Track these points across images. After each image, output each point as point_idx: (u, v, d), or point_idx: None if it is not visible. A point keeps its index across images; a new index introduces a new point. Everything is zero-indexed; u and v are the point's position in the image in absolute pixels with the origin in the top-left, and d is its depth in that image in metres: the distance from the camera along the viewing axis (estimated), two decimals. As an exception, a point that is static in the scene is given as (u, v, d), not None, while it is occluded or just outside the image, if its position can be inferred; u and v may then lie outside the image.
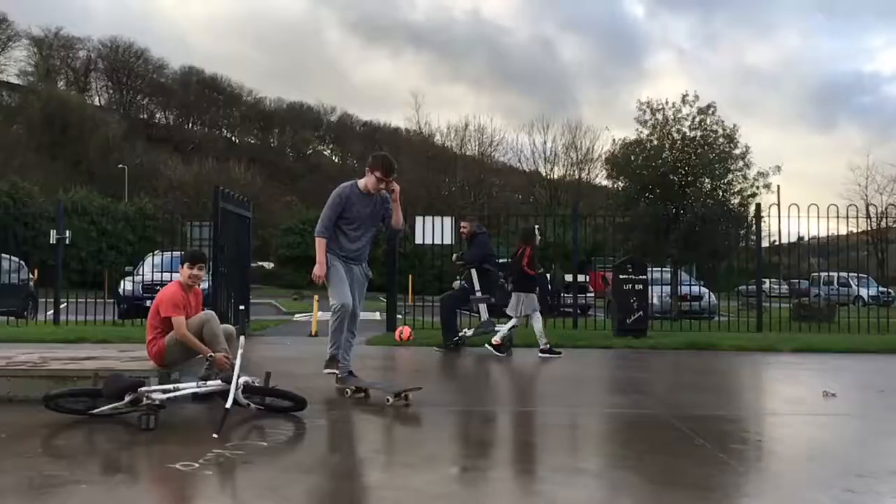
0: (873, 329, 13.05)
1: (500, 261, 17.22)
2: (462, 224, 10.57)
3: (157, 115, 77.83)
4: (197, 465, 3.91)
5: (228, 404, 4.80)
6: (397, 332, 11.20)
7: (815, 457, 4.60)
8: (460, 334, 10.09)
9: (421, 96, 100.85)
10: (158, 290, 6.16)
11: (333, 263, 6.24)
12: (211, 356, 5.49)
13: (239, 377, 5.01)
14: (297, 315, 19.53)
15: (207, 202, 14.45)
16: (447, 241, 12.68)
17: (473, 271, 10.06)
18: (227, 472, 3.92)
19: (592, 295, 19.28)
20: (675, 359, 9.74)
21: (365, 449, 4.60)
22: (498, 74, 73.55)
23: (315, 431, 4.97)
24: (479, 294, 10.05)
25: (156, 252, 15.32)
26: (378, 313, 17.39)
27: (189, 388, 5.23)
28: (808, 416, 5.86)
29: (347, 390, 6.08)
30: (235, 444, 4.45)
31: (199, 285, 6.06)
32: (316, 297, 14.30)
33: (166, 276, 12.02)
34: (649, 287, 13.24)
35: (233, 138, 78.80)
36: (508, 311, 9.79)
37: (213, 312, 5.94)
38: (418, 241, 13.14)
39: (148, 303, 5.98)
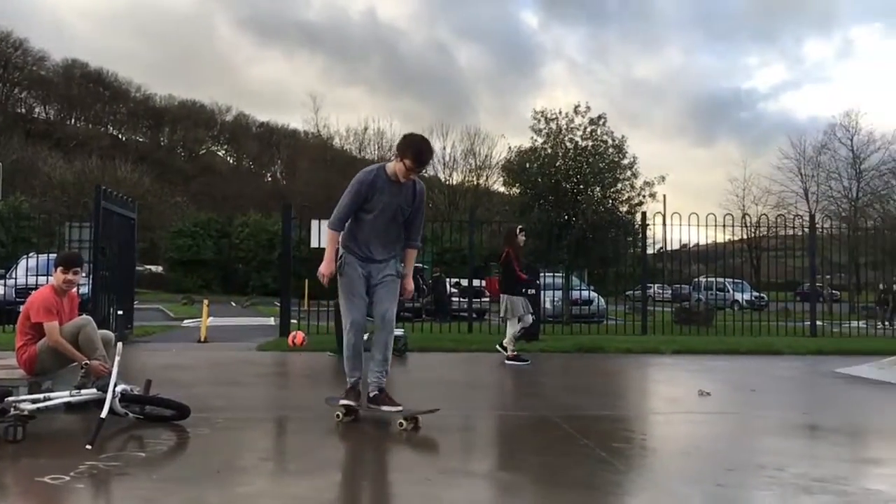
0: (747, 332, 13.87)
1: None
2: None
3: (37, 110, 73.40)
4: (68, 478, 3.70)
5: (104, 414, 4.56)
6: (290, 337, 11.00)
7: (690, 453, 4.83)
8: (355, 339, 9.99)
9: (319, 98, 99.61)
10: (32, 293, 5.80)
11: (348, 267, 5.09)
12: (86, 363, 5.20)
13: (116, 385, 4.78)
14: (186, 321, 18.86)
15: (89, 202, 13.72)
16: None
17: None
18: (100, 484, 3.72)
19: (488, 299, 19.59)
20: (564, 362, 10.02)
21: (251, 457, 4.48)
22: (395, 78, 73.73)
23: (198, 441, 4.80)
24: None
25: (30, 254, 14.45)
26: (273, 319, 17.03)
27: (62, 397, 4.95)
28: (685, 415, 6.15)
29: (338, 413, 5.19)
30: (111, 455, 4.23)
31: (74, 289, 5.74)
32: (206, 301, 13.85)
33: (41, 279, 11.34)
34: (542, 292, 13.58)
35: (119, 136, 75.26)
36: (502, 315, 9.80)
37: (89, 318, 5.64)
38: (314, 244, 12.94)
39: (21, 308, 5.59)
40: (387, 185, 5.01)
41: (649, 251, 15.91)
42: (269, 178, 75.00)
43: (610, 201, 18.56)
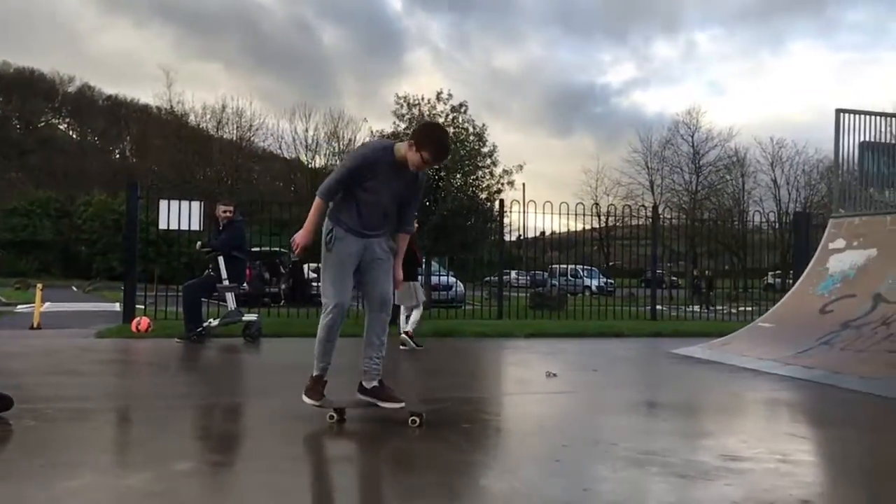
0: (596, 316, 14.59)
1: (254, 249, 16.64)
2: (224, 208, 9.97)
3: None
4: None
5: None
6: (134, 323, 10.41)
7: (534, 432, 5.00)
8: (204, 325, 9.62)
9: (172, 72, 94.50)
10: None
11: (339, 243, 4.63)
12: None
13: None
14: (19, 306, 17.46)
15: None
16: (195, 226, 12.01)
17: (221, 259, 9.64)
18: None
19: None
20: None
21: (81, 450, 4.19)
22: (255, 56, 71.14)
23: (21, 433, 4.43)
24: (226, 283, 9.65)
25: None
26: (118, 304, 16.08)
27: None
28: (533, 395, 6.38)
29: (332, 414, 4.81)
30: (-86, 453, 3.82)
31: None
32: (40, 285, 12.86)
33: None
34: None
35: (-58, 103, 68.21)
36: (397, 302, 9.48)
37: None
38: (163, 226, 12.31)
39: None
40: (390, 170, 4.55)
41: (508, 238, 16.41)
42: (118, 156, 70.56)
43: (470, 188, 18.87)
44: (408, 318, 9.60)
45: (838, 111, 9.79)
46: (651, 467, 3.94)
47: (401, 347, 9.32)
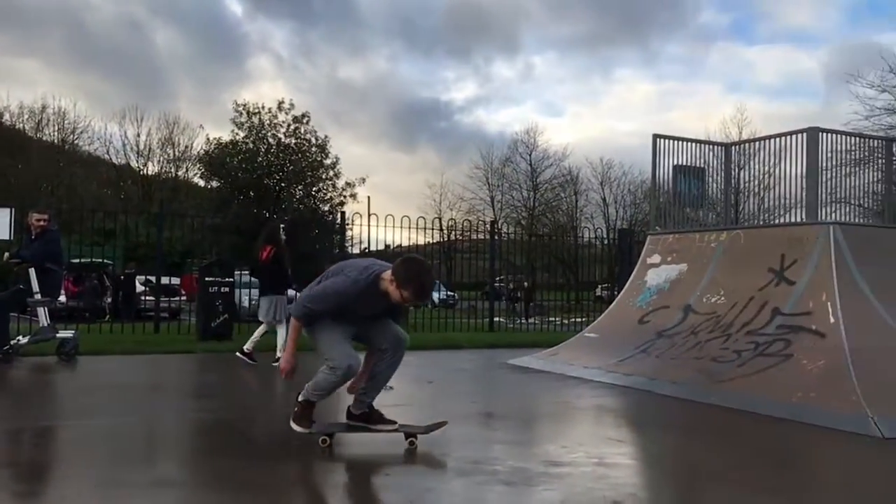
0: (436, 328, 14.80)
1: (75, 261, 15.43)
2: (38, 216, 9.09)
3: None
4: None
5: None
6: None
7: (367, 444, 4.98)
8: (13, 342, 8.78)
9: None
10: None
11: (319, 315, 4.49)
12: None
13: None
14: None
15: None
16: (3, 235, 10.96)
17: (33, 271, 8.85)
18: None
19: (185, 298, 18.54)
20: (257, 360, 9.78)
21: None
22: (80, 53, 65.88)
23: None
24: (38, 297, 8.87)
25: None
26: None
27: None
28: (368, 409, 6.33)
29: (325, 438, 4.62)
30: None
31: None
32: None
33: None
34: (238, 290, 13.17)
35: None
36: (261, 317, 9.14)
37: None
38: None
39: None
40: (373, 297, 4.39)
41: (354, 251, 16.26)
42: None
43: (312, 200, 18.65)
44: (264, 333, 9.27)
45: (655, 136, 10.59)
46: (478, 476, 4.03)
47: (238, 355, 9.02)
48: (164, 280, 15.28)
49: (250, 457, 4.42)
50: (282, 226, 10.09)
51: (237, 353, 9.13)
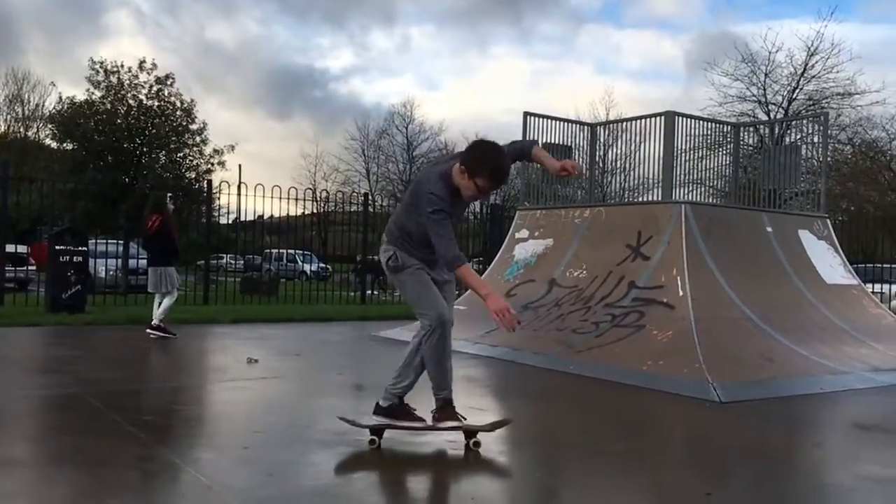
0: (308, 300, 14.60)
1: None
2: None
3: None
4: None
5: None
6: None
7: (224, 420, 4.86)
8: None
9: None
10: None
11: (410, 261, 4.00)
12: None
13: None
14: None
15: None
16: None
17: None
18: None
19: (34, 268, 17.29)
20: (112, 334, 9.31)
21: None
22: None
23: None
24: None
25: None
26: None
27: None
28: (231, 383, 6.17)
29: (374, 439, 4.08)
30: None
31: None
32: None
33: None
34: (93, 259, 12.44)
35: None
36: (150, 289, 8.79)
37: None
38: None
39: None
40: (453, 199, 3.87)
41: (224, 221, 15.74)
42: None
43: (177, 167, 17.78)
44: (160, 304, 8.84)
45: (526, 114, 10.84)
46: (341, 447, 4.02)
47: (150, 336, 8.66)
48: (10, 248, 14.18)
49: (100, 434, 4.20)
50: (169, 195, 9.68)
51: (147, 330, 8.75)
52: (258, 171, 56.18)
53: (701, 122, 11.40)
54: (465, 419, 4.14)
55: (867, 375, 7.03)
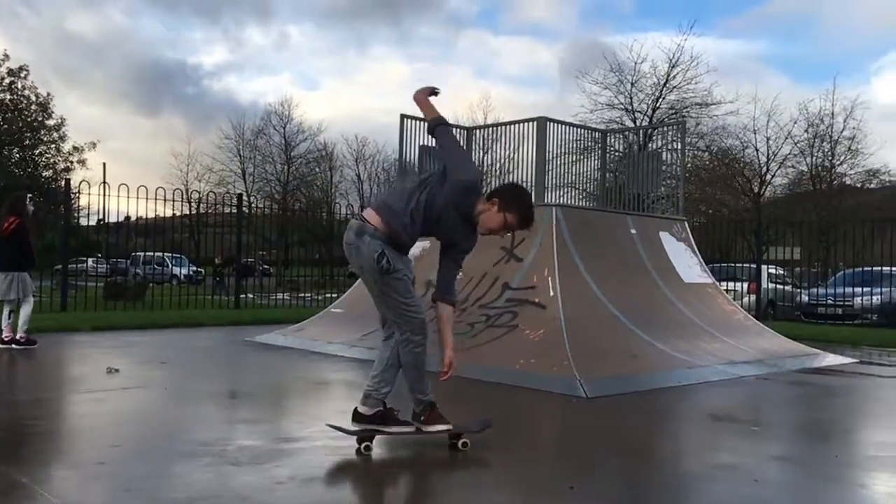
0: (178, 305, 14.00)
1: None
2: None
3: None
4: None
5: None
6: None
7: (82, 434, 4.57)
8: None
9: None
10: None
11: (396, 261, 3.88)
12: None
13: None
14: None
15: None
16: None
17: None
18: None
19: None
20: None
21: None
22: None
23: None
24: None
25: None
26: None
27: None
28: (87, 395, 5.81)
29: (369, 445, 4.02)
30: None
31: None
32: None
33: None
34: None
35: None
36: (17, 297, 8.11)
37: None
38: None
39: None
40: (453, 216, 3.94)
41: (87, 223, 14.75)
42: None
43: (32, 165, 16.60)
44: (10, 314, 8.23)
45: (403, 116, 10.86)
46: (204, 458, 3.87)
47: (14, 347, 8.08)
48: None
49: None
50: (29, 196, 9.01)
51: (14, 346, 8.15)
52: (124, 169, 53.46)
53: (572, 127, 11.82)
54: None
55: (720, 368, 7.52)
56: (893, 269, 15.22)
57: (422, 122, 11.08)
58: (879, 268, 15.47)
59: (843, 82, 77.10)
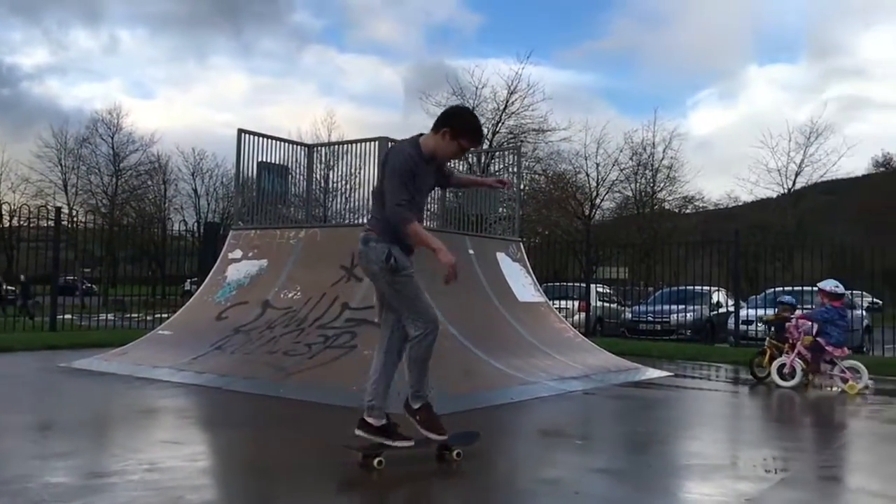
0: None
1: None
2: None
3: None
4: None
5: None
6: None
7: None
8: None
9: None
10: None
11: (398, 259, 4.27)
12: None
13: None
14: None
15: None
16: None
17: None
18: None
19: None
20: None
21: None
22: None
23: None
24: None
25: None
26: None
27: None
28: None
29: (381, 461, 4.18)
30: None
31: None
32: None
33: None
34: None
35: None
36: None
37: None
38: None
39: None
40: (423, 165, 4.31)
41: None
42: None
43: None
44: None
45: (240, 131, 10.51)
46: (1, 499, 3.48)
47: None
48: None
49: None
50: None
51: None
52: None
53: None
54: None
55: (551, 384, 7.83)
56: (704, 287, 16.63)
57: (260, 138, 10.79)
58: (693, 287, 16.82)
59: (663, 115, 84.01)
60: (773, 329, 9.46)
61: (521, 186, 12.63)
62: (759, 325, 13.88)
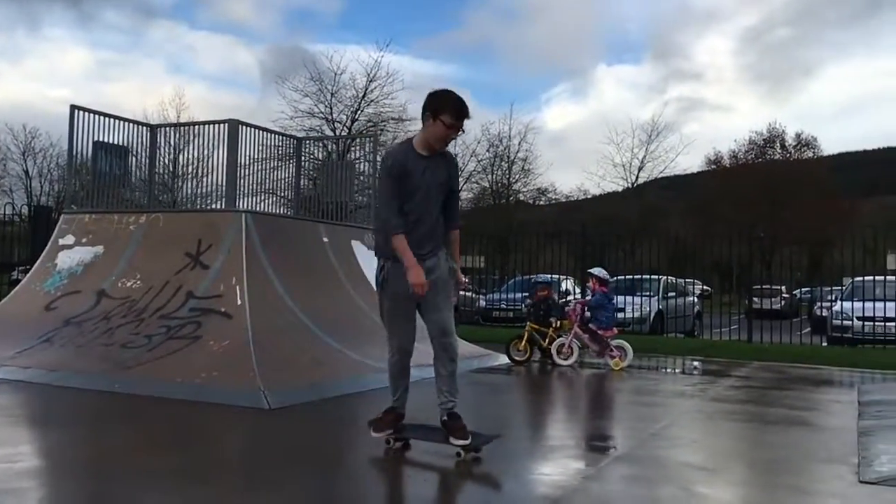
0: None
1: None
2: None
3: None
4: None
5: None
6: None
7: None
8: None
9: None
10: None
11: (393, 281, 4.27)
12: None
13: None
14: None
15: None
16: None
17: None
18: None
19: None
20: None
21: None
22: None
23: None
24: None
25: None
26: None
27: None
28: None
29: (389, 439, 4.55)
30: None
31: None
32: None
33: None
34: None
35: None
36: None
37: None
38: None
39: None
40: (419, 163, 4.24)
41: None
42: None
43: None
44: None
45: (73, 107, 9.71)
46: None
47: None
48: None
49: None
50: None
51: None
52: None
53: (266, 132, 11.56)
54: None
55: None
56: (552, 276, 17.32)
57: (96, 116, 10.04)
58: (541, 276, 17.46)
59: (519, 108, 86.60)
60: (533, 311, 10.13)
61: (374, 175, 12.55)
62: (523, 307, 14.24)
